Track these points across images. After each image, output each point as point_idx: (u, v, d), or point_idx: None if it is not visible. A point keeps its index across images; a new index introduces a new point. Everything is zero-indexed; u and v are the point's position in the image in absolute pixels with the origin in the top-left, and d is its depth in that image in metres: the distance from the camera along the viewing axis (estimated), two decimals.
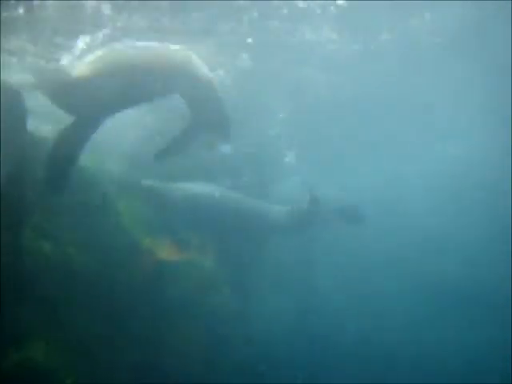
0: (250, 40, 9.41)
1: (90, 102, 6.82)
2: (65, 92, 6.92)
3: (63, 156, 6.76)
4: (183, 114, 7.86)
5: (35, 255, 6.01)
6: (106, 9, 8.04)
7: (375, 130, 13.23)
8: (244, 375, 9.89)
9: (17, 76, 7.46)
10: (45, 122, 8.36)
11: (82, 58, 7.87)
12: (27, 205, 6.37)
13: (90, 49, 8.20)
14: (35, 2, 7.53)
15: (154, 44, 7.64)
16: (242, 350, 9.99)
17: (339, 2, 8.68)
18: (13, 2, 7.40)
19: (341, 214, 10.16)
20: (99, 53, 7.22)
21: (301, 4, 8.63)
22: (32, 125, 7.21)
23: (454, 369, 14.20)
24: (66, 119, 6.96)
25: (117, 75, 6.80)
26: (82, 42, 8.42)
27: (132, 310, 7.32)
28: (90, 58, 7.15)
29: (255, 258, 10.97)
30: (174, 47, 7.62)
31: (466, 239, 16.61)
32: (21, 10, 7.55)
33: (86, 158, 7.50)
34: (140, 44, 7.67)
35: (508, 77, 11.12)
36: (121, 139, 9.88)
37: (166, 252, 8.55)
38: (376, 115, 12.62)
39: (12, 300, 5.77)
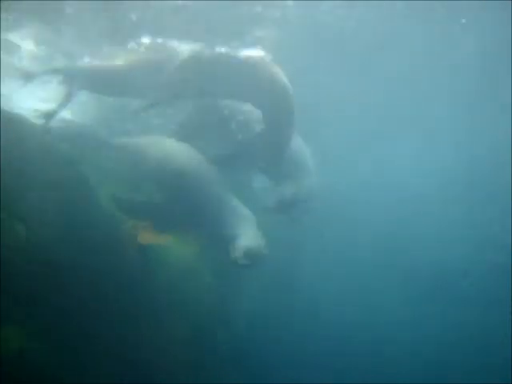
0: None
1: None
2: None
3: None
4: None
5: (8, 237, 5.79)
6: None
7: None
8: (227, 362, 9.86)
9: None
10: None
11: None
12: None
13: None
14: None
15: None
16: (224, 338, 9.95)
17: None
18: None
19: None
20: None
21: None
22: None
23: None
24: None
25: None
26: None
27: (111, 293, 7.16)
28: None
29: None
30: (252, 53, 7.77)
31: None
32: None
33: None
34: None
35: None
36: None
37: (146, 232, 8.38)
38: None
39: None
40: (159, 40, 9.35)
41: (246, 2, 8.79)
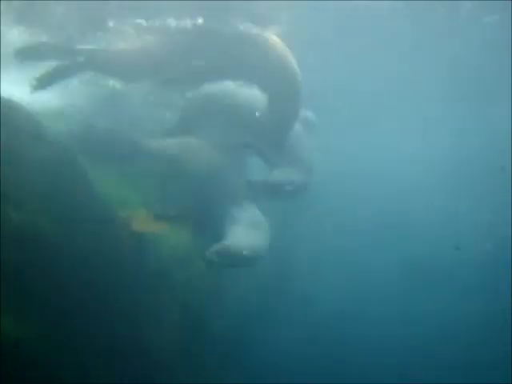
0: None
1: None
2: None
3: None
4: None
5: (2, 224, 5.76)
6: None
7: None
8: (219, 347, 9.91)
9: None
10: None
11: None
12: None
13: None
14: None
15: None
16: (218, 325, 9.99)
17: None
18: None
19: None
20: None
21: None
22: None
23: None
24: None
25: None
26: None
27: (106, 280, 7.17)
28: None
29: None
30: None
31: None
32: None
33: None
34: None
35: None
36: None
37: (142, 219, 8.38)
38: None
39: None
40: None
41: None
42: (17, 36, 9.55)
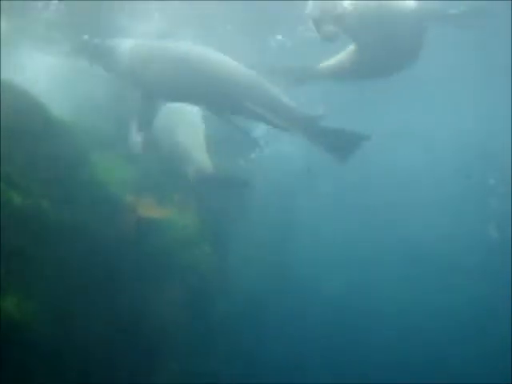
0: None
1: None
2: None
3: None
4: None
5: (5, 208, 5.82)
6: None
7: None
8: (223, 331, 9.99)
9: None
10: None
11: None
12: None
13: None
14: None
15: None
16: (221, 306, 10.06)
17: None
18: None
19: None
20: None
21: None
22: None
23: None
24: None
25: None
26: None
27: (109, 262, 7.24)
28: None
29: None
30: None
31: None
32: None
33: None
34: None
35: None
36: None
37: (146, 204, 8.43)
38: None
39: None
40: None
41: None
42: None
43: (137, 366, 7.46)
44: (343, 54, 8.32)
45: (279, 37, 11.80)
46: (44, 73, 9.58)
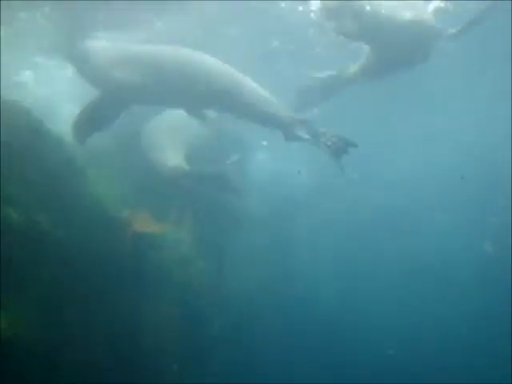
0: None
1: None
2: None
3: None
4: None
5: (2, 223, 5.82)
6: None
7: None
8: (218, 346, 9.95)
9: None
10: None
11: None
12: None
13: None
14: None
15: None
16: (217, 323, 10.03)
17: None
18: None
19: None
20: None
21: None
22: None
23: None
24: None
25: None
26: None
27: (104, 278, 7.23)
28: None
29: None
30: None
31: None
32: None
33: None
34: None
35: None
36: None
37: (143, 220, 8.43)
38: None
39: None
40: None
41: None
42: None
43: (132, 382, 7.41)
44: (363, 59, 8.71)
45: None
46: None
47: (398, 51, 8.07)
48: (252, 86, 8.10)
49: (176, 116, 9.36)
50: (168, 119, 9.58)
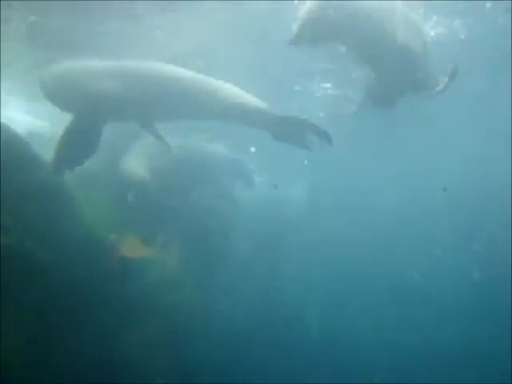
0: None
1: None
2: None
3: None
4: None
5: None
6: None
7: None
8: (206, 370, 9.88)
9: None
10: None
11: None
12: None
13: None
14: None
15: None
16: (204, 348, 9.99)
17: None
18: None
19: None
20: None
21: None
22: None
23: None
24: None
25: None
26: None
27: (92, 302, 7.21)
28: None
29: None
30: None
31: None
32: None
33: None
34: None
35: None
36: None
37: (130, 244, 8.44)
38: None
39: None
40: None
41: None
42: None
43: None
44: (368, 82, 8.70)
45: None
46: None
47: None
48: (229, 88, 8.19)
49: (148, 142, 9.70)
50: (141, 144, 10.13)
